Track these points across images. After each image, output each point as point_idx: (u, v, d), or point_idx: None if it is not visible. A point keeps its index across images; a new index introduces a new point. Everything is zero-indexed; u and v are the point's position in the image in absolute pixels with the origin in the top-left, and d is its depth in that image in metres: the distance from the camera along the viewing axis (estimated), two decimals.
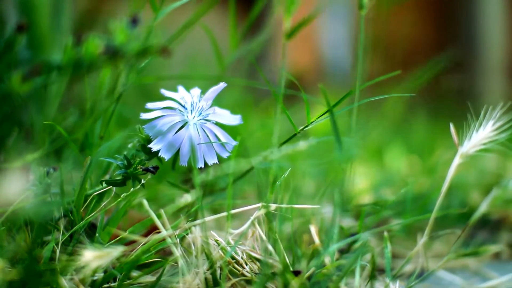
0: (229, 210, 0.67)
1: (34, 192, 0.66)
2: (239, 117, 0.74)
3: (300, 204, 0.75)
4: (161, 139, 0.68)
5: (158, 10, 0.77)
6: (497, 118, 0.67)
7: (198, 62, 1.59)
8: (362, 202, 1.11)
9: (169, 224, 0.66)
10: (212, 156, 0.70)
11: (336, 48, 3.47)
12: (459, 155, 0.67)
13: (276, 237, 0.66)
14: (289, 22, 0.75)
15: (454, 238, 0.97)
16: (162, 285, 0.65)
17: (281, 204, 0.69)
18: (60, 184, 0.67)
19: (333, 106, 0.67)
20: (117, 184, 0.69)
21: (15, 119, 0.90)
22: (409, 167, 1.52)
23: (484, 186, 1.24)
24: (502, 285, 0.72)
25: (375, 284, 0.67)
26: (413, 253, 0.69)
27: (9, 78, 0.83)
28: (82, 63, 0.82)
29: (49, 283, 0.60)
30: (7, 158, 0.78)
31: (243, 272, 0.66)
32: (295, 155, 1.23)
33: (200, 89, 0.74)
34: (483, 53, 3.63)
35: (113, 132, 0.88)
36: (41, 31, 1.12)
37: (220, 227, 0.87)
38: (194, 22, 0.88)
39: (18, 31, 0.88)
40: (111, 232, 0.69)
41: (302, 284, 0.62)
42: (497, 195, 0.66)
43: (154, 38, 0.78)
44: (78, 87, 0.95)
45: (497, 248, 0.73)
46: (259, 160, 0.72)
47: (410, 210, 0.95)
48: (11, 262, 0.61)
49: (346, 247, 0.76)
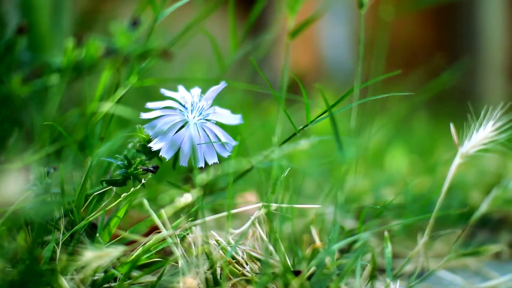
0: (230, 210, 0.67)
1: (35, 192, 0.66)
2: (239, 116, 0.74)
3: (301, 204, 0.75)
4: (162, 138, 0.69)
5: (158, 11, 0.77)
6: (497, 118, 0.67)
7: (199, 63, 1.59)
8: (362, 202, 1.11)
9: (170, 224, 0.66)
10: (212, 156, 0.70)
11: (336, 48, 3.47)
12: (459, 155, 0.67)
13: (276, 237, 0.66)
14: (293, 21, 0.75)
15: (454, 238, 0.97)
16: (163, 285, 0.65)
17: (281, 204, 0.70)
18: (60, 184, 0.67)
19: (333, 105, 0.67)
20: (117, 184, 0.70)
21: (16, 119, 0.90)
22: (410, 167, 1.52)
23: (484, 186, 1.24)
24: (502, 285, 0.72)
25: (375, 284, 0.67)
26: (414, 253, 0.69)
27: (9, 80, 0.83)
28: (83, 66, 0.83)
29: (50, 283, 0.60)
30: (8, 158, 0.78)
31: (243, 272, 0.66)
32: (296, 154, 1.24)
33: (200, 89, 0.74)
34: (483, 54, 3.63)
35: (114, 132, 0.88)
36: (41, 32, 1.12)
37: (220, 227, 0.87)
38: (195, 25, 0.88)
39: (19, 33, 0.88)
40: (111, 232, 0.69)
41: (303, 284, 0.62)
42: (497, 195, 0.66)
43: (155, 41, 0.78)
44: (79, 87, 0.95)
45: (497, 248, 0.73)
46: (259, 159, 0.72)
47: (411, 210, 0.95)
48: (11, 262, 0.61)
49: (347, 247, 0.76)
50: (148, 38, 0.77)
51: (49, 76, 0.85)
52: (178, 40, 0.86)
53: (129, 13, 0.85)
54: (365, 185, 1.23)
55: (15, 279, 0.58)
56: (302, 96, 0.71)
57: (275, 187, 0.68)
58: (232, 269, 0.66)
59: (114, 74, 0.79)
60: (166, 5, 0.78)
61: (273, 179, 0.69)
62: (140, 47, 0.78)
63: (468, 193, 1.19)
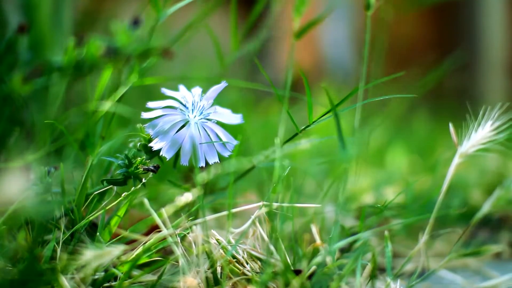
0: (230, 209, 0.67)
1: (35, 191, 0.66)
2: (240, 116, 0.74)
3: (301, 203, 0.75)
4: (162, 138, 0.69)
5: (160, 11, 0.77)
6: (496, 118, 0.67)
7: (200, 62, 1.59)
8: (363, 201, 1.11)
9: (170, 223, 0.66)
10: (213, 155, 0.70)
11: (337, 47, 3.47)
12: (459, 155, 0.67)
13: (277, 236, 0.66)
14: (298, 22, 0.75)
15: (454, 237, 0.97)
16: (163, 284, 0.66)
17: (282, 203, 0.70)
18: (61, 183, 0.68)
19: (336, 105, 0.67)
20: (118, 183, 0.70)
21: (16, 118, 0.90)
22: (410, 166, 1.53)
23: (485, 185, 1.24)
24: (502, 284, 0.72)
25: (376, 283, 0.68)
26: (414, 252, 0.69)
27: (10, 79, 0.83)
28: (83, 65, 0.83)
29: (50, 282, 0.60)
30: (8, 157, 0.79)
31: (244, 271, 0.66)
32: (297, 154, 1.24)
33: (201, 88, 0.74)
34: (483, 53, 3.63)
35: (114, 132, 0.88)
36: (42, 31, 1.12)
37: (221, 226, 0.87)
38: (196, 23, 0.88)
39: (20, 32, 0.88)
40: (112, 231, 0.69)
41: (303, 283, 0.62)
42: (500, 195, 0.66)
43: (156, 40, 0.78)
44: (79, 87, 0.96)
45: (498, 248, 0.73)
46: (260, 159, 0.72)
47: (411, 210, 0.95)
48: (12, 261, 0.61)
49: (347, 246, 0.76)
50: (149, 38, 0.77)
51: (50, 75, 0.85)
52: (179, 39, 0.86)
53: (130, 12, 0.86)
54: (366, 184, 1.23)
55: (16, 278, 0.58)
56: (304, 95, 0.71)
57: (276, 186, 0.68)
58: (233, 268, 0.66)
59: (115, 73, 0.79)
60: (167, 5, 0.78)
61: (274, 179, 0.69)
62: (141, 46, 0.78)
63: (468, 192, 1.19)
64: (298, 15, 0.76)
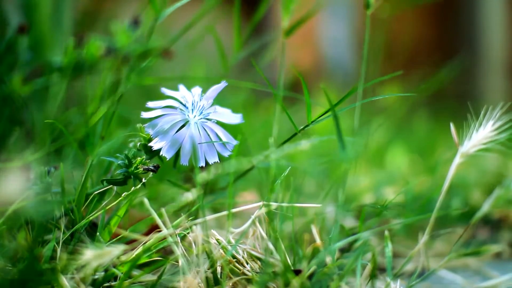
0: (230, 209, 0.67)
1: (35, 191, 0.66)
2: (240, 116, 0.74)
3: (301, 203, 0.75)
4: (162, 138, 0.69)
5: (159, 11, 0.77)
6: (497, 118, 0.67)
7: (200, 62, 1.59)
8: (363, 201, 1.11)
9: (170, 223, 0.66)
10: (213, 155, 0.70)
11: (337, 47, 3.47)
12: (459, 155, 0.67)
13: (277, 236, 0.66)
14: (287, 20, 0.75)
15: (455, 237, 0.97)
16: (163, 284, 0.66)
17: (282, 203, 0.70)
18: (61, 183, 0.68)
19: (335, 105, 0.67)
20: (118, 183, 0.70)
21: (16, 118, 0.90)
22: (410, 166, 1.52)
23: (485, 185, 1.24)
24: (502, 284, 0.72)
25: (376, 283, 0.68)
26: (414, 252, 0.69)
27: (10, 79, 0.83)
28: (83, 65, 0.83)
29: (50, 282, 0.60)
30: (8, 157, 0.79)
31: (244, 271, 0.66)
32: (297, 154, 1.24)
33: (201, 88, 0.74)
34: (484, 53, 3.63)
35: (114, 131, 0.88)
36: (42, 31, 1.12)
37: (221, 226, 0.87)
38: (196, 22, 0.88)
39: (20, 32, 0.88)
40: (112, 231, 0.69)
41: (303, 283, 0.62)
42: (499, 195, 0.66)
43: (155, 40, 0.78)
44: (79, 87, 0.96)
45: (498, 248, 0.73)
46: (260, 159, 0.72)
47: (411, 210, 0.95)
48: (12, 260, 0.61)
49: (347, 246, 0.76)
50: (148, 38, 0.77)
51: (50, 76, 0.85)
52: (179, 39, 0.86)
53: (130, 12, 0.86)
54: (366, 184, 1.23)
55: (16, 278, 0.58)
56: (303, 95, 0.71)
57: (275, 186, 0.68)
58: (233, 268, 0.66)
59: (115, 73, 0.79)
60: (166, 5, 0.78)
61: (274, 179, 0.69)
62: (140, 47, 0.78)
63: (469, 192, 1.19)
64: (287, 13, 0.76)
